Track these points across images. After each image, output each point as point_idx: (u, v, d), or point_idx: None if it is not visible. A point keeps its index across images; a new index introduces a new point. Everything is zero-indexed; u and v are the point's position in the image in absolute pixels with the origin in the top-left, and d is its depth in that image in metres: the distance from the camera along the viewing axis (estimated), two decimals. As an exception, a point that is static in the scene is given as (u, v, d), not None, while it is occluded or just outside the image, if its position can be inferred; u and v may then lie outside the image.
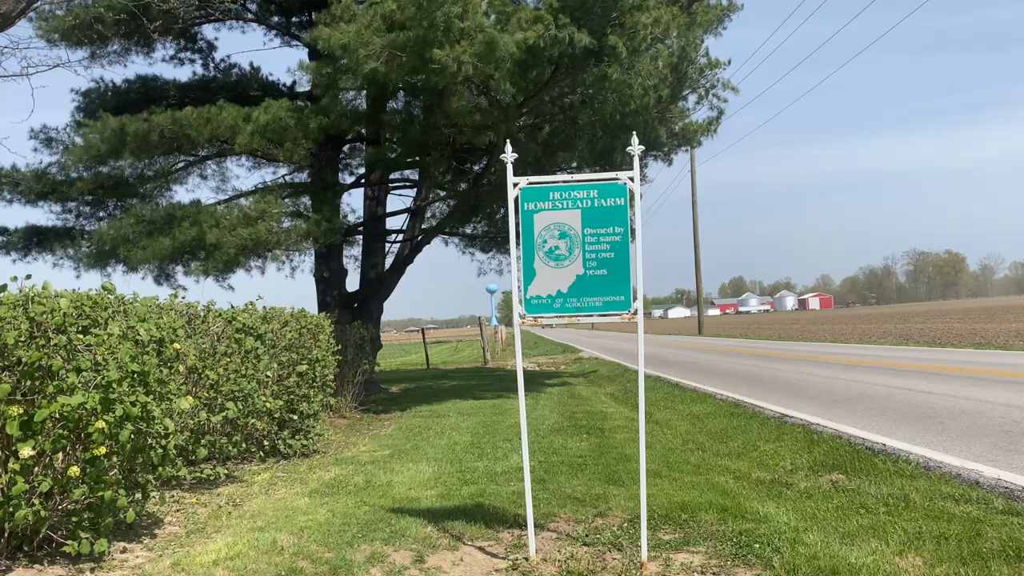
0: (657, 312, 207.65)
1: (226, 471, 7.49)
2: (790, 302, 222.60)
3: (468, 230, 19.52)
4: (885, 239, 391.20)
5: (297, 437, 8.86)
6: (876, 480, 6.22)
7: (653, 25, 10.15)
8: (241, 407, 7.46)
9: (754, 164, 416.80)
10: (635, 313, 4.69)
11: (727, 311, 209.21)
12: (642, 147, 4.91)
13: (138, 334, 5.19)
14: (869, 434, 8.31)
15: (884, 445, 7.62)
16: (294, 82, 15.64)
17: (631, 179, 4.71)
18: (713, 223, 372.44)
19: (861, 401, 11.09)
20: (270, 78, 15.76)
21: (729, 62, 13.11)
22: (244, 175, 51.45)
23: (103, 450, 4.64)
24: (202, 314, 7.68)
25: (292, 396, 8.75)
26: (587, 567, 4.56)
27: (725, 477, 6.81)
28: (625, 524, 5.36)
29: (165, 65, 19.68)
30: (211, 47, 16.04)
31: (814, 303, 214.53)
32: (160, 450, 5.26)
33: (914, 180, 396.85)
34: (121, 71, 34.04)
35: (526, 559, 4.73)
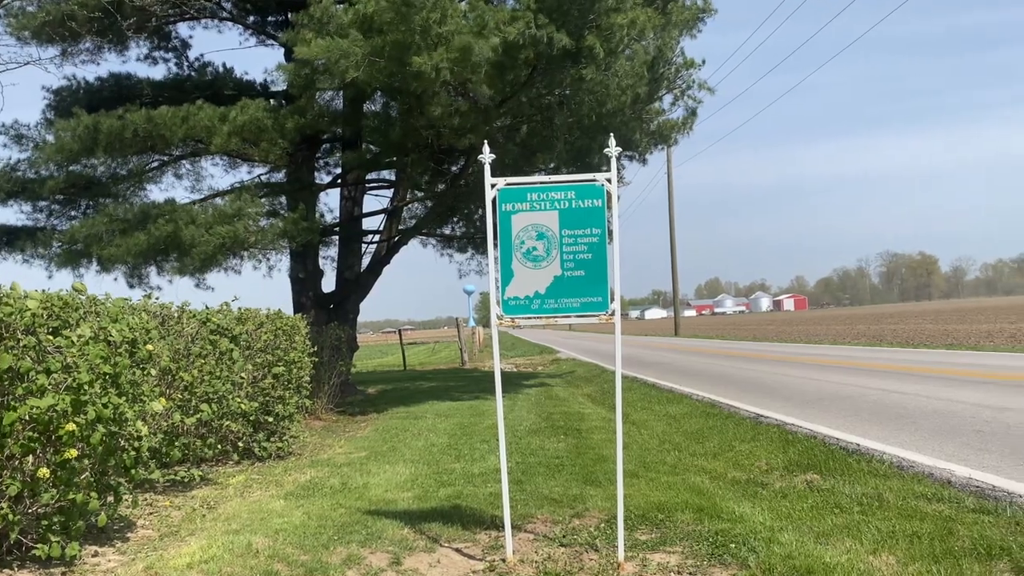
0: (634, 313, 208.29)
1: (200, 473, 7.41)
2: (765, 303, 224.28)
3: (446, 231, 19.48)
4: (859, 241, 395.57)
5: (272, 439, 8.79)
6: (850, 480, 6.28)
7: (629, 26, 10.18)
8: (215, 409, 7.39)
9: (729, 167, 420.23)
10: (613, 314, 4.70)
11: (703, 312, 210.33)
12: (619, 148, 4.92)
13: (110, 335, 5.12)
14: (843, 434, 8.38)
15: (858, 445, 7.70)
16: (270, 81, 15.55)
17: (608, 180, 4.72)
18: (689, 225, 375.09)
19: (835, 401, 11.19)
20: (246, 77, 15.64)
21: (704, 62, 13.18)
22: (219, 175, 51.17)
23: (74, 453, 4.57)
24: (176, 315, 7.60)
25: (267, 398, 8.68)
26: (564, 568, 4.56)
27: (701, 477, 6.84)
28: (602, 524, 5.36)
29: (139, 63, 19.52)
30: (185, 46, 15.90)
31: (789, 304, 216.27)
32: (133, 452, 5.19)
33: (888, 182, 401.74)
34: (94, 69, 33.64)
35: (503, 560, 4.72)
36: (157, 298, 7.47)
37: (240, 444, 8.34)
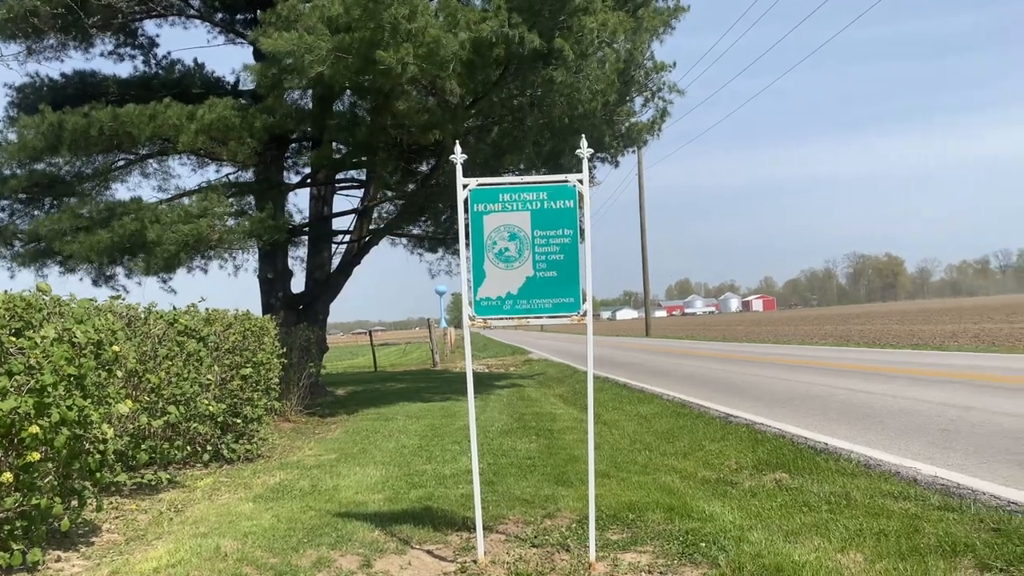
0: (606, 314, 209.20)
1: (168, 476, 7.31)
2: (734, 304, 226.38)
3: (416, 231, 19.41)
4: (826, 242, 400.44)
5: (241, 441, 8.70)
6: (819, 478, 6.34)
7: (600, 29, 10.21)
8: (183, 411, 7.30)
9: (700, 169, 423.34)
10: (584, 315, 4.70)
11: (674, 313, 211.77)
12: (591, 150, 4.93)
13: (75, 336, 5.03)
14: (812, 433, 8.47)
15: (826, 444, 7.78)
16: (238, 80, 15.38)
17: (580, 181, 4.73)
18: (660, 226, 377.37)
19: (804, 401, 11.31)
20: (214, 75, 15.46)
21: (674, 65, 13.26)
22: (187, 174, 50.44)
23: (37, 456, 4.49)
24: (143, 316, 7.49)
25: (236, 400, 8.59)
26: (536, 568, 4.56)
27: (672, 477, 6.87)
28: (574, 525, 5.37)
29: (104, 60, 19.28)
30: (152, 43, 15.68)
31: (757, 305, 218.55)
32: (98, 455, 5.11)
33: (856, 184, 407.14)
34: (58, 66, 33.15)
35: (474, 562, 4.71)
36: (124, 299, 7.36)
37: (208, 446, 8.25)
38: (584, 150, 4.80)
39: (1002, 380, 11.93)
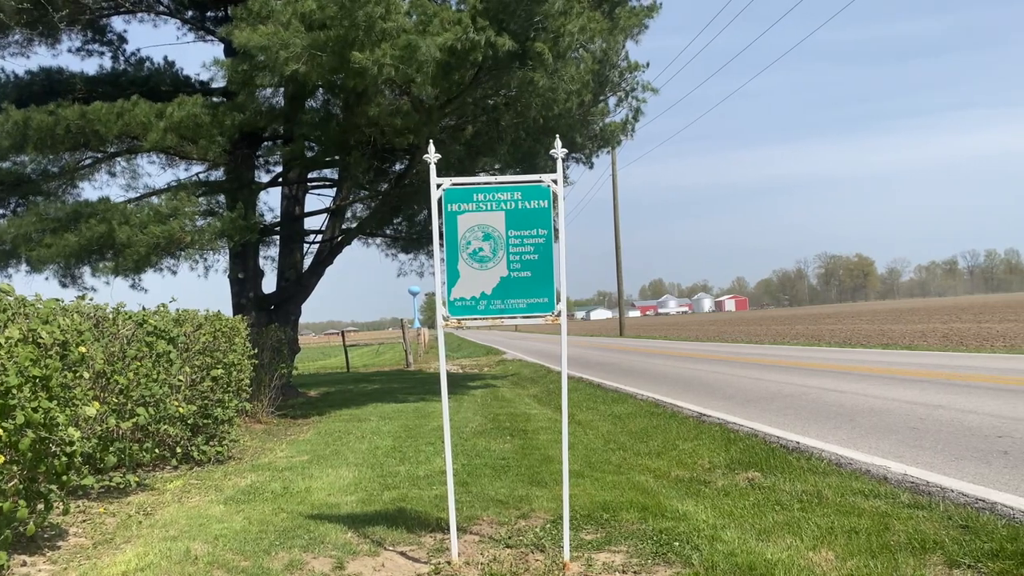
0: (580, 314, 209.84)
1: (136, 479, 7.21)
2: (707, 304, 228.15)
3: (390, 231, 19.30)
4: (798, 243, 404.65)
5: (212, 443, 8.60)
6: (790, 477, 6.39)
7: (580, 32, 10.22)
8: (152, 413, 7.20)
9: (673, 169, 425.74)
10: (559, 315, 4.70)
11: (647, 313, 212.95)
12: (565, 150, 4.93)
13: (40, 337, 4.94)
14: (783, 432, 8.54)
15: (798, 443, 7.84)
16: (209, 78, 15.20)
17: (554, 181, 4.72)
18: (634, 226, 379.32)
19: (775, 400, 11.40)
20: (184, 73, 15.25)
21: (648, 65, 13.32)
22: (156, 173, 50.04)
23: (1, 459, 4.40)
24: (111, 316, 7.37)
25: (206, 401, 8.49)
26: (509, 569, 4.54)
27: (645, 476, 6.89)
28: (548, 525, 5.36)
29: (71, 57, 18.98)
30: (121, 40, 15.46)
31: (730, 305, 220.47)
32: (64, 458, 5.02)
33: (826, 186, 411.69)
34: (23, 62, 32.64)
35: (448, 563, 4.68)
36: (91, 299, 7.24)
37: (178, 448, 8.14)
38: (558, 150, 4.79)
39: (970, 379, 12.11)
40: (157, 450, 7.75)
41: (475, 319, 4.71)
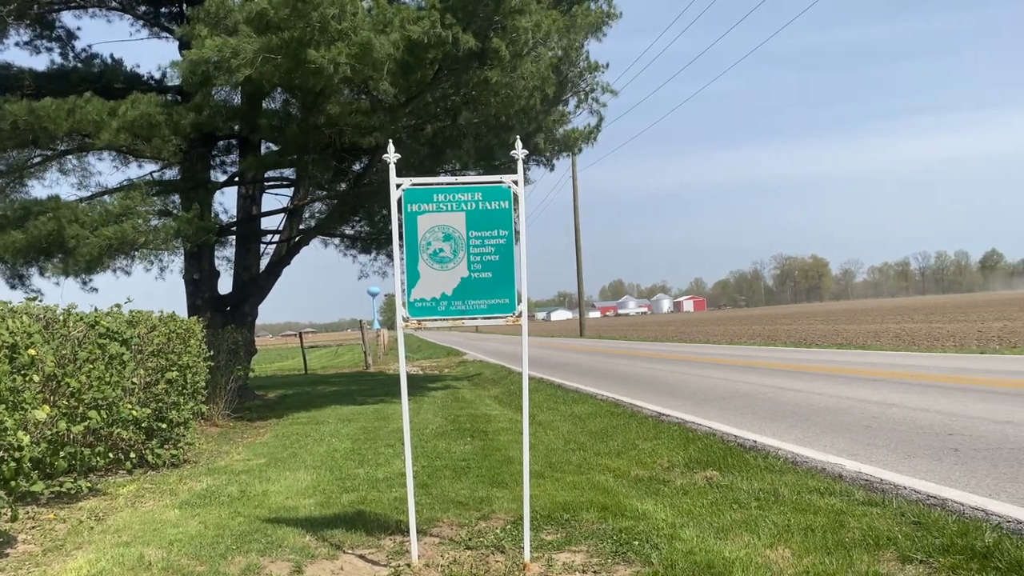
0: (540, 314, 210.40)
1: (88, 484, 7.05)
2: (666, 304, 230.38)
3: (349, 231, 19.15)
4: (754, 244, 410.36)
5: (166, 446, 8.45)
6: (748, 476, 6.46)
7: (535, 29, 10.22)
8: (105, 416, 7.04)
9: (632, 171, 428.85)
10: (520, 316, 4.69)
11: (607, 313, 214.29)
12: (525, 151, 4.93)
13: (-13, 340, 4.80)
14: (741, 431, 8.63)
15: (755, 442, 7.94)
16: (163, 76, 14.94)
17: (515, 182, 4.72)
18: (594, 227, 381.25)
19: (733, 399, 11.53)
20: (137, 71, 14.97)
21: (607, 65, 13.39)
22: (109, 171, 48.73)
23: (-55, 466, 4.27)
24: (61, 318, 7.20)
25: (161, 404, 8.33)
26: (470, 570, 4.53)
27: (605, 476, 6.92)
28: (508, 526, 5.36)
29: (19, 52, 18.43)
30: (71, 35, 15.08)
31: (688, 305, 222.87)
32: (12, 463, 4.89)
33: (782, 188, 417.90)
34: (-31, 57, 31.76)
35: (408, 565, 4.66)
36: (40, 300, 7.06)
37: (132, 452, 7.98)
38: (519, 151, 4.79)
39: (922, 378, 12.37)
40: (110, 454, 7.58)
41: (435, 320, 4.69)
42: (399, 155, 4.72)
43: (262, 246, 16.45)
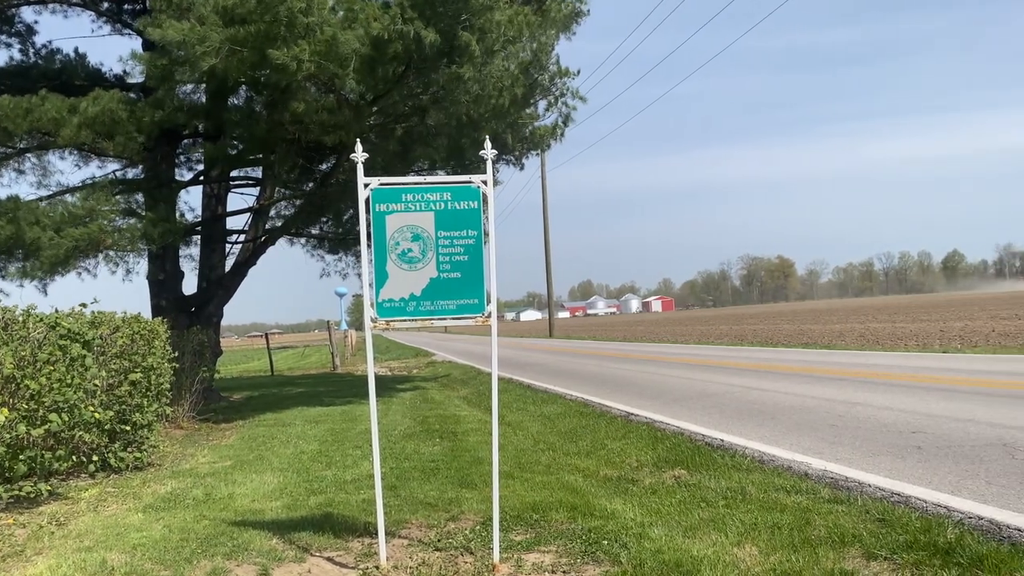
0: (510, 315, 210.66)
1: (49, 488, 6.91)
2: (635, 305, 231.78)
3: (316, 231, 19.01)
4: (722, 245, 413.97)
5: (130, 449, 8.31)
6: (715, 474, 6.50)
7: (507, 24, 10.20)
8: (66, 419, 6.91)
9: (601, 172, 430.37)
10: (489, 316, 4.68)
11: (576, 314, 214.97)
12: (495, 151, 4.91)
13: (-57, 341, 4.69)
14: (709, 430, 8.69)
15: (722, 441, 8.00)
16: (126, 72, 14.69)
17: (484, 183, 4.70)
18: (563, 228, 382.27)
19: (701, 399, 11.61)
20: (99, 67, 14.72)
21: (579, 72, 13.41)
22: (70, 170, 47.85)
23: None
24: (20, 319, 7.05)
25: (124, 406, 8.20)
26: (438, 572, 4.51)
27: (575, 476, 6.92)
28: (478, 527, 5.34)
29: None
30: (31, 31, 14.79)
31: (656, 306, 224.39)
32: (-31, 469, 4.77)
33: (749, 189, 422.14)
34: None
35: (376, 567, 4.62)
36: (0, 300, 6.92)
37: (94, 455, 7.84)
38: (488, 151, 4.77)
39: (886, 377, 12.56)
40: (72, 458, 7.44)
41: (404, 320, 4.66)
42: (367, 154, 4.68)
43: (228, 246, 16.27)
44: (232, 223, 16.65)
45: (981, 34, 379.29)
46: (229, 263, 15.99)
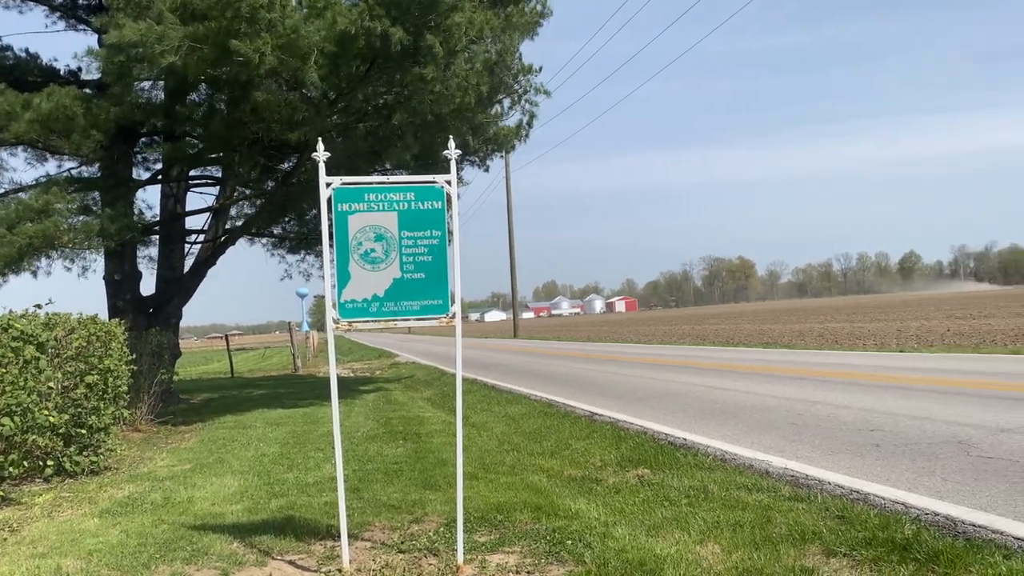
0: (474, 315, 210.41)
1: (1, 493, 6.76)
2: (598, 305, 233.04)
3: (277, 231, 18.81)
4: (684, 245, 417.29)
5: (86, 453, 8.14)
6: (678, 473, 6.54)
7: (468, 26, 10.18)
8: (19, 422, 6.76)
9: (565, 173, 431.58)
10: (453, 317, 4.66)
11: (541, 314, 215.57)
12: (459, 151, 4.89)
13: None
14: (672, 429, 8.75)
15: (685, 440, 8.05)
16: (81, 69, 14.38)
17: (448, 183, 4.68)
18: (527, 228, 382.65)
19: (664, 398, 11.69)
20: (54, 64, 14.40)
21: (541, 69, 13.44)
22: (23, 168, 46.74)
23: None
24: (-29, 320, 6.88)
25: (80, 409, 8.03)
26: (402, 574, 4.47)
27: (539, 476, 6.93)
28: (441, 528, 5.31)
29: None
30: (-20, 27, 14.44)
31: (620, 306, 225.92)
32: (-84, 475, 4.64)
33: (711, 190, 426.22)
34: None
35: (339, 570, 4.58)
36: (-52, 302, 6.73)
37: (49, 460, 7.67)
38: (452, 151, 4.75)
39: (844, 376, 12.75)
40: (25, 462, 7.27)
41: (367, 321, 4.62)
42: (329, 153, 4.64)
43: (187, 246, 16.03)
44: (191, 223, 16.43)
45: (932, 41, 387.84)
46: (188, 263, 15.76)
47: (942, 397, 9.55)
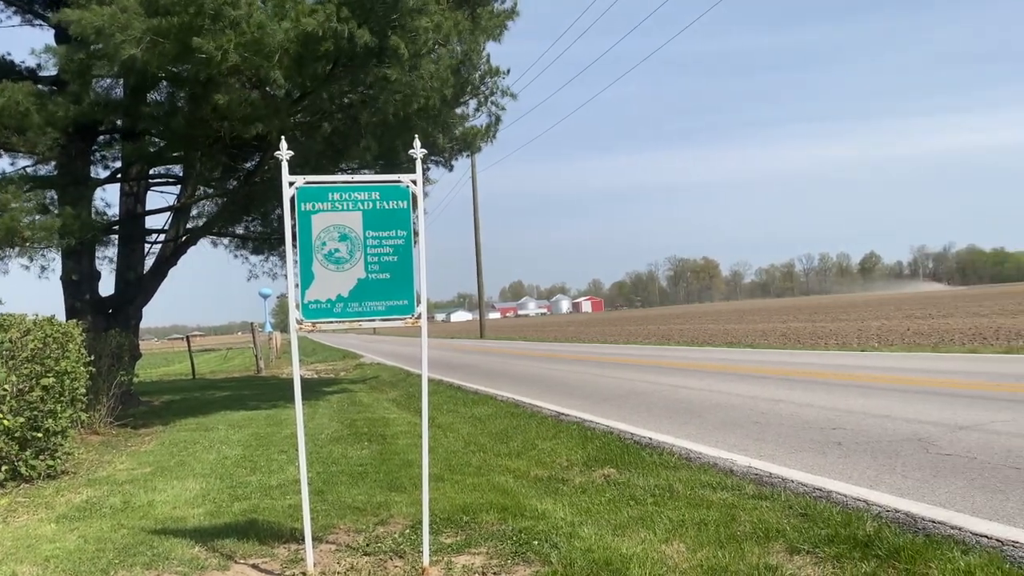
0: (440, 316, 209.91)
1: (-47, 500, 6.58)
2: (565, 305, 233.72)
3: (240, 230, 18.58)
4: (649, 246, 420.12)
5: (42, 457, 7.96)
6: (644, 472, 6.57)
7: (434, 30, 10.14)
8: (-28, 427, 6.58)
9: (531, 173, 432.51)
10: (419, 317, 4.63)
11: (507, 314, 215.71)
12: (424, 151, 4.86)
13: None
14: (637, 429, 8.79)
15: (651, 439, 8.09)
16: (39, 66, 14.07)
17: (413, 182, 4.65)
18: (494, 228, 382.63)
19: (629, 398, 11.74)
20: (9, 58, 14.07)
21: (508, 71, 13.43)
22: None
23: None
24: (-78, 322, 6.69)
25: (36, 412, 7.85)
26: (368, 578, 4.43)
27: (505, 477, 6.91)
28: (407, 531, 5.28)
29: None
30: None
31: (586, 306, 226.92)
32: None
33: (676, 191, 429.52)
34: None
35: (304, 574, 4.52)
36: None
37: (4, 464, 7.49)
38: (418, 150, 4.72)
39: (807, 375, 12.91)
40: (-22, 467, 7.10)
41: (331, 322, 4.57)
42: (292, 152, 4.58)
43: (147, 246, 15.76)
44: (152, 222, 16.16)
45: (890, 45, 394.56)
46: (149, 263, 15.50)
47: (903, 396, 9.71)
